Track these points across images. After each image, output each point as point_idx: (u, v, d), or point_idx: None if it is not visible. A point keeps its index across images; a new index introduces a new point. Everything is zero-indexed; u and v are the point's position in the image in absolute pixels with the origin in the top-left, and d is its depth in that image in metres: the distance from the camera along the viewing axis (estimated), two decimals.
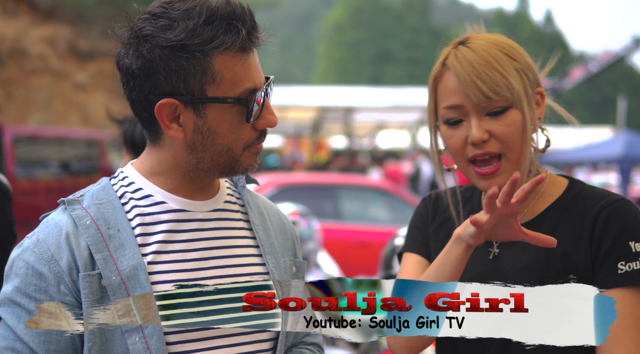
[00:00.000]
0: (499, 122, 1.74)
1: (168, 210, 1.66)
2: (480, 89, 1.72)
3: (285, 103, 21.92)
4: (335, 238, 8.91)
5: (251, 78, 1.61)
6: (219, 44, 1.56)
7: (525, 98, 1.75)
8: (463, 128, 1.76)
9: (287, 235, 1.87)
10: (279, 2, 35.16)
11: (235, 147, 1.63)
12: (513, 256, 1.79)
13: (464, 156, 1.77)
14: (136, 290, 1.56)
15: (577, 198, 1.79)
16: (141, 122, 1.66)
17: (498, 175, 1.75)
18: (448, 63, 1.78)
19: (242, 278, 1.68)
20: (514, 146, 1.74)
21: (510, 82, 1.72)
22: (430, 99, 1.83)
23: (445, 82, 1.78)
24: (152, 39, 1.56)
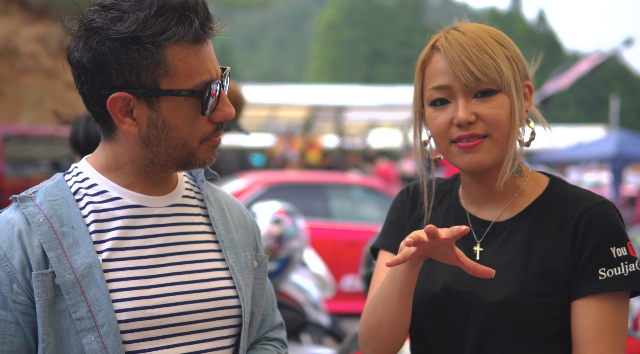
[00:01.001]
0: (486, 104, 1.70)
1: (123, 206, 1.62)
2: (470, 69, 1.68)
3: (278, 102, 21.90)
4: (324, 236, 8.91)
5: (206, 69, 1.57)
6: (171, 35, 1.52)
7: (514, 84, 1.71)
8: (449, 110, 1.73)
9: (249, 229, 1.83)
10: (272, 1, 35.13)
11: (191, 141, 1.59)
12: (490, 255, 1.75)
13: (447, 137, 1.73)
14: (91, 288, 1.52)
15: (557, 199, 1.75)
16: (94, 116, 1.62)
17: (479, 150, 1.70)
18: (437, 45, 1.75)
19: (202, 274, 1.65)
20: (501, 129, 1.70)
21: (499, 65, 1.70)
22: (417, 83, 1.80)
23: (433, 63, 1.76)
24: (102, 32, 1.52)
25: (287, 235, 4.75)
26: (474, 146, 1.70)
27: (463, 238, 1.80)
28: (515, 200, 1.79)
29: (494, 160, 1.72)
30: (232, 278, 1.69)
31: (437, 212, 1.88)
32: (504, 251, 1.74)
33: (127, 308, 1.55)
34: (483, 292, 1.71)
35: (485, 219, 1.80)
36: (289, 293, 4.91)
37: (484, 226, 1.79)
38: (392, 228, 1.91)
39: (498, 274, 1.70)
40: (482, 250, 1.77)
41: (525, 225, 1.75)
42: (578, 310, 1.66)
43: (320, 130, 25.98)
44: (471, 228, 1.80)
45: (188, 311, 1.61)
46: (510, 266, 1.71)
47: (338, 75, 60.32)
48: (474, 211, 1.82)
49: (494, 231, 1.77)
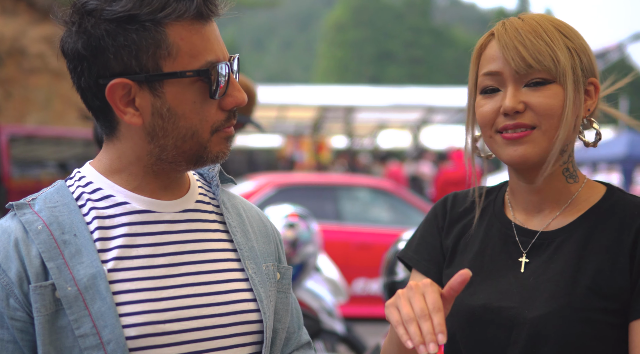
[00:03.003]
0: (537, 93, 1.58)
1: (130, 211, 1.48)
2: (521, 55, 1.56)
3: (286, 103, 21.85)
4: (335, 239, 8.81)
5: (212, 49, 1.44)
6: (171, 12, 1.40)
7: (572, 76, 1.58)
8: (498, 98, 1.61)
9: (270, 238, 1.68)
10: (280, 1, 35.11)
11: (201, 130, 1.45)
12: (537, 268, 1.60)
13: (493, 127, 1.60)
14: (95, 301, 1.38)
15: (614, 208, 1.60)
16: (94, 113, 1.48)
17: (525, 143, 1.57)
18: (494, 30, 1.65)
19: (219, 286, 1.51)
20: (552, 121, 1.57)
21: (556, 53, 1.57)
22: (472, 71, 1.68)
23: (488, 49, 1.64)
24: (96, 13, 1.40)
25: (301, 240, 4.64)
26: (520, 138, 1.57)
27: (507, 251, 1.65)
28: (567, 208, 1.64)
29: (540, 154, 1.58)
30: (252, 290, 1.54)
31: (479, 223, 1.73)
32: (552, 263, 1.59)
33: (136, 323, 1.40)
34: (527, 307, 1.56)
35: (532, 229, 1.65)
36: (303, 299, 4.78)
37: (530, 236, 1.64)
38: (422, 242, 1.77)
39: (544, 286, 1.56)
40: (527, 261, 1.62)
41: (578, 235, 1.60)
42: (636, 331, 1.51)
43: (329, 130, 25.92)
44: (517, 239, 1.65)
45: (203, 326, 1.46)
46: (558, 278, 1.56)
47: (345, 76, 60.33)
48: (521, 221, 1.67)
49: (542, 242, 1.62)
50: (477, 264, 1.66)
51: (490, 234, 1.69)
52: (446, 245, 1.74)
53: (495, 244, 1.67)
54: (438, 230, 1.76)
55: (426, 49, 62.96)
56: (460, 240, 1.73)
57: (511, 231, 1.67)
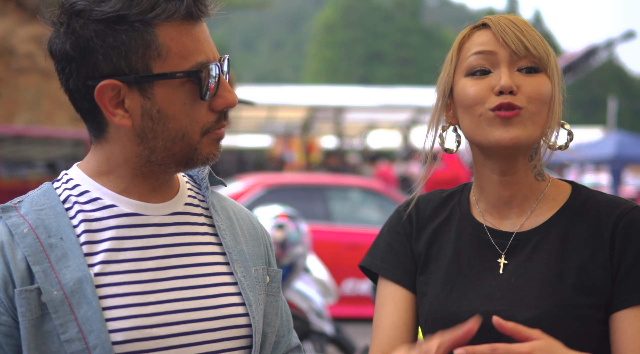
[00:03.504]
0: (529, 78, 1.59)
1: (118, 214, 1.46)
2: (520, 39, 1.58)
3: (276, 103, 21.82)
4: (325, 240, 8.79)
5: (202, 50, 1.43)
6: (160, 12, 1.38)
7: (557, 74, 1.62)
8: (490, 79, 1.60)
9: (260, 241, 1.66)
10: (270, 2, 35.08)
11: (191, 132, 1.43)
12: (517, 268, 1.60)
13: (484, 106, 1.59)
14: (81, 306, 1.36)
15: (587, 205, 1.62)
16: (82, 115, 1.46)
17: (516, 124, 1.56)
18: (484, 20, 1.65)
19: (207, 290, 1.49)
20: (540, 106, 1.58)
21: (547, 47, 1.62)
22: (450, 62, 1.67)
23: (476, 37, 1.65)
24: (85, 14, 1.38)
25: (290, 240, 4.62)
26: (512, 116, 1.56)
27: (483, 254, 1.64)
28: (538, 206, 1.65)
29: (528, 137, 1.57)
30: (241, 294, 1.52)
31: (448, 227, 1.71)
32: (532, 263, 1.59)
33: (123, 327, 1.38)
34: (517, 309, 1.55)
35: (506, 230, 1.65)
36: (293, 300, 4.77)
37: (505, 238, 1.64)
38: (390, 250, 1.73)
39: (529, 286, 1.56)
40: (506, 262, 1.62)
41: (556, 234, 1.60)
42: (620, 321, 1.53)
43: (319, 131, 25.91)
44: (492, 242, 1.65)
45: (191, 331, 1.44)
46: (543, 277, 1.57)
47: (335, 76, 60.35)
48: (492, 223, 1.67)
49: (518, 243, 1.62)
50: (454, 270, 1.65)
51: (463, 238, 1.67)
52: (417, 251, 1.71)
53: (469, 248, 1.65)
54: (406, 236, 1.73)
55: (416, 50, 63.06)
56: (432, 245, 1.70)
57: (484, 234, 1.66)
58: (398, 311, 1.68)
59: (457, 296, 1.61)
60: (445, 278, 1.64)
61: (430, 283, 1.66)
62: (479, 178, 1.69)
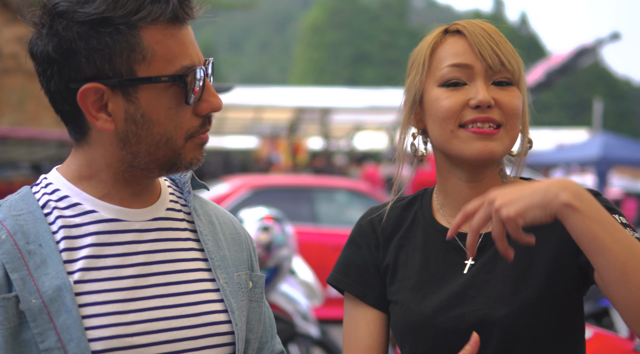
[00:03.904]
0: (505, 92, 1.60)
1: (98, 220, 1.43)
2: (496, 52, 1.59)
3: (262, 104, 21.79)
4: (311, 241, 8.77)
5: (187, 54, 1.40)
6: (145, 15, 1.35)
7: (525, 85, 1.65)
8: (464, 92, 1.60)
9: (242, 245, 1.63)
10: (256, 3, 35.02)
11: (175, 137, 1.41)
12: (485, 265, 1.60)
13: (457, 120, 1.59)
14: (60, 314, 1.33)
15: None
16: (63, 118, 1.43)
17: (495, 140, 1.58)
18: (455, 28, 1.64)
19: (189, 297, 1.46)
20: (515, 121, 1.60)
21: (519, 59, 1.63)
22: (422, 67, 1.65)
23: (449, 45, 1.64)
24: (68, 15, 1.35)
25: (275, 243, 4.60)
26: (492, 134, 1.58)
27: (452, 258, 1.64)
28: None
29: (503, 152, 1.60)
30: (223, 301, 1.50)
31: (412, 234, 1.70)
32: (501, 259, 1.57)
33: (103, 336, 1.36)
34: (492, 307, 1.54)
35: None
36: (278, 303, 4.74)
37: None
38: (352, 265, 1.71)
39: (500, 283, 1.56)
40: (473, 262, 1.62)
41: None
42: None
43: (306, 132, 25.89)
44: (459, 245, 1.64)
45: (173, 339, 1.42)
46: (514, 272, 1.56)
47: (322, 77, 60.36)
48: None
49: (485, 243, 1.62)
50: (424, 276, 1.64)
51: (430, 244, 1.67)
52: (385, 262, 1.69)
53: (438, 253, 1.65)
54: (369, 250, 1.71)
55: (402, 51, 63.08)
56: (399, 254, 1.69)
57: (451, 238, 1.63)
58: (372, 333, 1.67)
59: (430, 301, 1.60)
60: (417, 285, 1.63)
61: (401, 292, 1.64)
62: (443, 184, 1.69)
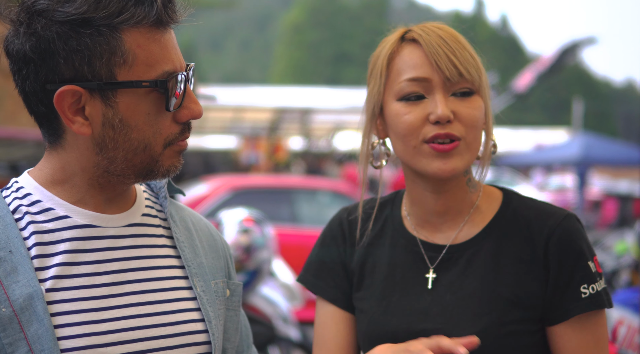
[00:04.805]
0: (465, 103, 1.56)
1: (72, 226, 1.39)
2: (454, 63, 1.53)
3: (242, 104, 21.73)
4: (292, 242, 8.73)
5: (170, 59, 1.37)
6: (128, 17, 1.31)
7: (487, 90, 1.60)
8: (424, 106, 1.56)
9: (219, 253, 1.59)
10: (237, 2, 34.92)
11: (154, 143, 1.37)
12: (452, 284, 1.57)
13: (419, 136, 1.55)
14: (32, 323, 1.29)
15: (517, 216, 1.60)
16: (37, 119, 1.39)
17: (454, 155, 1.54)
18: (412, 36, 1.59)
19: (165, 306, 1.42)
20: (475, 133, 1.56)
21: (479, 65, 1.58)
22: (379, 78, 1.61)
23: (406, 55, 1.58)
24: (47, 14, 1.31)
25: (255, 245, 4.56)
26: (451, 149, 1.53)
27: (417, 268, 1.61)
28: (470, 218, 1.62)
29: (466, 166, 1.57)
30: (200, 310, 1.46)
31: (381, 240, 1.67)
32: (467, 278, 1.57)
33: (76, 346, 1.32)
34: (452, 328, 1.53)
35: (439, 243, 1.62)
36: (258, 306, 4.70)
37: (438, 251, 1.61)
38: (323, 268, 1.70)
39: (465, 304, 1.55)
40: (435, 276, 1.59)
41: (488, 247, 1.59)
42: (561, 333, 1.54)
43: (286, 132, 25.85)
44: (424, 255, 1.62)
45: (149, 349, 1.38)
46: (478, 294, 1.55)
47: (303, 77, 60.37)
48: (426, 236, 1.64)
49: (450, 257, 1.60)
50: (389, 285, 1.62)
51: (397, 252, 1.65)
52: (352, 268, 1.68)
53: (404, 262, 1.63)
54: (339, 253, 1.70)
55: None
56: (366, 260, 1.67)
57: (417, 247, 1.63)
58: (341, 333, 1.66)
59: (393, 313, 1.59)
60: (381, 294, 1.62)
61: (366, 300, 1.63)
62: (409, 192, 1.66)
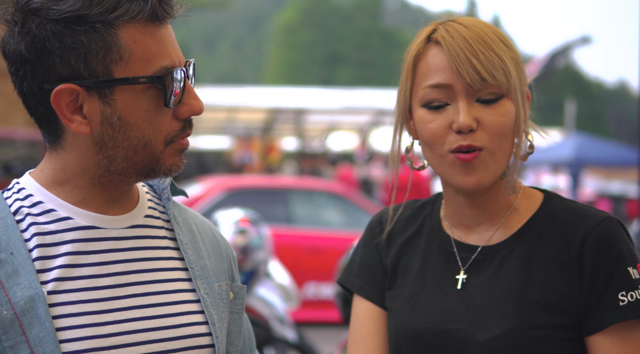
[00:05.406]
0: (490, 110, 1.48)
1: (74, 228, 1.37)
2: (476, 68, 1.46)
3: (236, 104, 21.70)
4: (286, 243, 8.73)
5: (167, 54, 1.35)
6: (123, 13, 1.30)
7: (520, 90, 1.51)
8: (447, 113, 1.49)
9: (223, 255, 1.57)
10: (229, 2, 34.88)
11: (154, 141, 1.35)
12: (483, 285, 1.53)
13: (444, 145, 1.50)
14: (33, 326, 1.28)
15: (555, 216, 1.54)
16: (37, 120, 1.38)
17: (477, 168, 1.48)
18: (436, 37, 1.52)
19: (168, 308, 1.41)
20: (502, 141, 1.49)
21: (507, 66, 1.48)
22: (406, 80, 1.56)
23: (430, 58, 1.52)
24: (42, 13, 1.29)
25: (252, 246, 4.55)
26: (473, 159, 1.48)
27: (448, 268, 1.58)
28: (507, 220, 1.57)
29: (493, 177, 1.51)
30: (204, 312, 1.44)
31: (417, 240, 1.64)
32: (498, 279, 1.52)
33: (78, 349, 1.30)
34: (477, 328, 1.49)
35: (472, 244, 1.58)
36: (254, 307, 4.70)
37: (471, 251, 1.57)
38: (363, 266, 1.68)
39: (493, 305, 1.50)
40: (465, 276, 1.55)
41: (521, 248, 1.53)
42: (599, 345, 1.46)
43: (280, 132, 25.84)
44: (457, 255, 1.58)
45: (151, 352, 1.36)
46: (507, 296, 1.50)
47: (296, 77, 60.34)
48: (460, 236, 1.60)
49: (484, 258, 1.55)
50: (419, 284, 1.59)
51: (430, 251, 1.61)
52: (386, 265, 1.65)
53: (436, 262, 1.59)
54: (378, 251, 1.67)
55: (376, 51, 63.32)
56: (400, 259, 1.64)
57: (451, 247, 1.59)
58: (379, 331, 1.62)
59: (419, 312, 1.56)
60: (410, 293, 1.59)
61: (396, 299, 1.61)
62: (445, 193, 1.63)
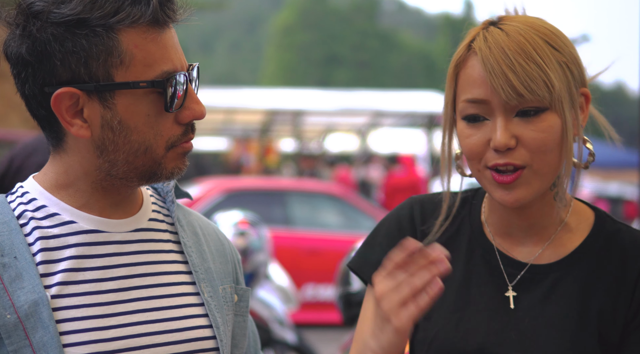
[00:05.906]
0: (530, 125, 1.39)
1: (78, 231, 1.36)
2: (511, 83, 1.36)
3: (233, 106, 21.69)
4: (285, 244, 8.73)
5: (169, 58, 1.35)
6: (124, 17, 1.29)
7: (569, 99, 1.40)
8: (485, 129, 1.41)
9: (227, 258, 1.56)
10: (227, 3, 34.86)
11: (155, 146, 1.35)
12: (532, 307, 1.44)
13: (482, 162, 1.42)
14: (37, 330, 1.27)
15: (612, 242, 1.46)
16: (39, 122, 1.38)
17: (517, 186, 1.39)
18: (475, 46, 1.42)
19: (172, 312, 1.40)
20: (545, 158, 1.39)
21: (550, 77, 1.38)
22: (449, 88, 1.48)
23: (469, 69, 1.42)
24: (43, 16, 1.29)
25: (252, 248, 4.55)
26: (511, 182, 1.40)
27: (494, 282, 1.48)
28: (557, 236, 1.49)
29: (534, 194, 1.42)
30: (208, 316, 1.44)
31: (457, 243, 1.53)
32: (550, 304, 1.44)
33: (82, 353, 1.30)
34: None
35: (519, 260, 1.49)
36: (254, 309, 4.69)
37: (518, 268, 1.48)
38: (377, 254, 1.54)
39: (546, 332, 1.42)
40: (515, 294, 1.47)
41: (578, 273, 1.45)
42: None
43: (278, 134, 25.83)
44: (502, 270, 1.49)
45: None
46: (561, 323, 1.42)
47: (293, 79, 60.32)
48: (506, 248, 1.50)
49: (532, 277, 1.47)
50: (462, 297, 1.49)
51: (473, 261, 1.51)
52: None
53: (480, 273, 1.50)
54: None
55: (373, 53, 63.29)
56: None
57: (496, 260, 1.50)
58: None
59: (465, 330, 1.47)
60: (454, 306, 1.49)
61: (435, 307, 1.44)
62: (489, 200, 1.54)
